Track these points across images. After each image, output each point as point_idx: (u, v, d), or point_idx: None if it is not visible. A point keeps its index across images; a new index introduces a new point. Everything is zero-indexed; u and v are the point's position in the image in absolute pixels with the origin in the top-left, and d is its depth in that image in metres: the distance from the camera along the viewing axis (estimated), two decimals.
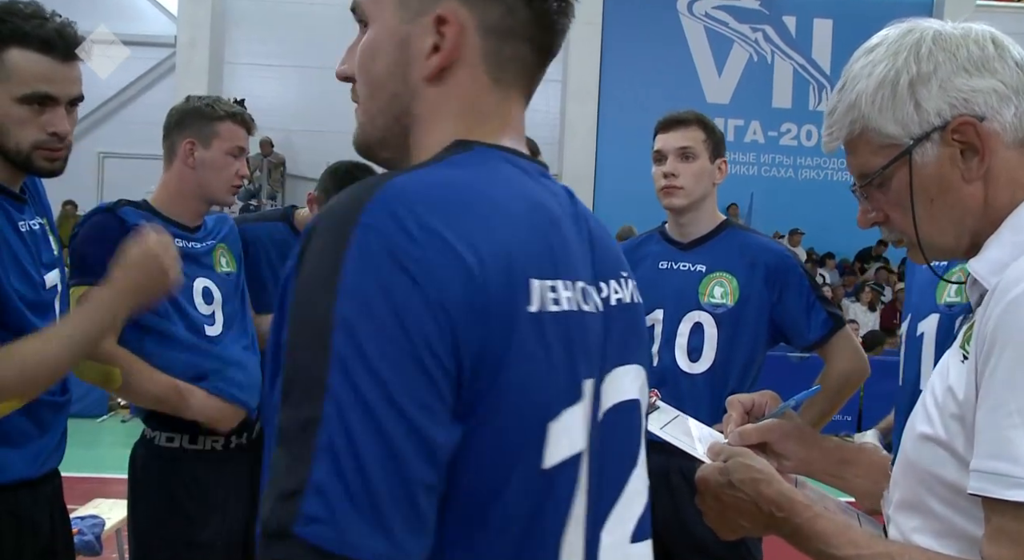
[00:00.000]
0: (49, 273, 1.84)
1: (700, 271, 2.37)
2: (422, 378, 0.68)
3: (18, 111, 1.70)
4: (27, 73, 1.69)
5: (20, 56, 1.69)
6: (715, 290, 2.35)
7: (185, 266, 2.25)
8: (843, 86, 1.08)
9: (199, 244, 2.33)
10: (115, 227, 2.13)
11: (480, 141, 0.84)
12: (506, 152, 0.86)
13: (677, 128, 2.38)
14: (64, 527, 1.99)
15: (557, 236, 0.82)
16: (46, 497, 1.88)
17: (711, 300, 2.34)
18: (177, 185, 2.30)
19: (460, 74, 0.85)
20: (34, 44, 1.69)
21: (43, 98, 1.72)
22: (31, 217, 1.84)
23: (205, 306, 2.28)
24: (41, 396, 1.79)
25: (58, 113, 1.74)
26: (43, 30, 1.70)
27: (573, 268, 0.83)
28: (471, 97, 0.85)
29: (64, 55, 1.73)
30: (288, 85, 13.54)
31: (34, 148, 1.73)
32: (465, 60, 0.84)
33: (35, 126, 1.72)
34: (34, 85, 1.70)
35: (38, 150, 1.73)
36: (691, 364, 2.33)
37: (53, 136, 1.73)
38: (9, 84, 1.69)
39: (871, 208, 1.10)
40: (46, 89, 1.71)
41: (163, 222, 2.24)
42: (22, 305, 1.74)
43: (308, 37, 13.12)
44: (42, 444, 1.84)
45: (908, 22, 1.08)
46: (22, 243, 1.78)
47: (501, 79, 0.86)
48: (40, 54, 1.70)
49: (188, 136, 2.27)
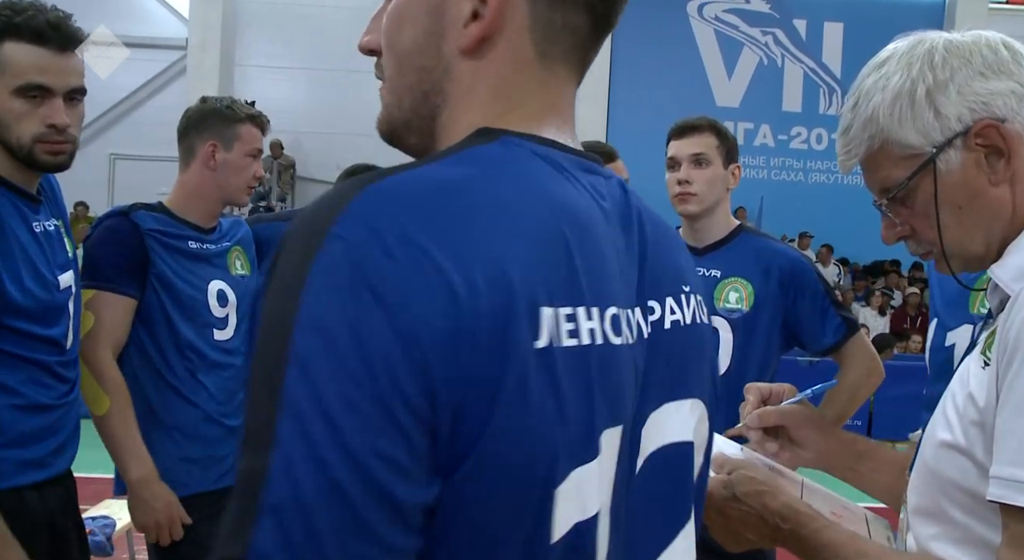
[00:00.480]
0: (63, 274, 1.85)
1: (715, 276, 2.36)
2: (388, 426, 0.56)
3: (16, 104, 1.72)
4: (21, 64, 1.71)
5: (14, 49, 1.71)
6: (730, 295, 2.35)
7: (200, 268, 2.26)
8: (856, 103, 1.07)
9: (213, 245, 2.33)
10: (128, 231, 2.15)
11: (510, 130, 0.70)
12: (541, 143, 0.71)
13: (690, 134, 2.38)
14: (78, 528, 1.99)
15: (586, 250, 0.66)
16: (58, 498, 1.89)
17: (726, 305, 2.34)
18: (195, 187, 2.30)
19: (500, 46, 0.70)
20: (26, 36, 1.71)
21: (39, 89, 1.72)
22: (46, 218, 1.85)
23: (219, 308, 2.28)
24: (47, 397, 1.81)
25: (55, 105, 1.74)
26: (35, 22, 1.71)
27: (604, 290, 0.67)
28: (510, 74, 0.71)
29: (60, 46, 1.74)
30: (298, 87, 13.59)
31: (35, 141, 1.74)
32: (508, 29, 0.70)
33: (34, 119, 1.73)
34: (28, 76, 1.72)
35: (39, 143, 1.74)
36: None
37: (51, 128, 1.74)
38: (5, 77, 1.71)
39: (896, 222, 1.09)
40: (40, 80, 1.72)
41: (178, 224, 2.25)
42: (30, 308, 1.75)
43: (318, 39, 13.18)
44: (51, 444, 1.85)
45: (915, 35, 1.07)
46: (37, 244, 1.79)
47: (548, 53, 0.72)
48: (33, 45, 1.71)
49: (210, 138, 2.27)
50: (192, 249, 2.27)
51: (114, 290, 2.13)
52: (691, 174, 2.35)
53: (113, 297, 2.13)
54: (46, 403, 1.82)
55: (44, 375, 1.82)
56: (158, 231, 2.20)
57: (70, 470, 1.95)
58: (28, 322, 1.76)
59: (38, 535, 1.82)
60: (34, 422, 1.80)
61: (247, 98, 10.44)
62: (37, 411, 1.81)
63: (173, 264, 2.21)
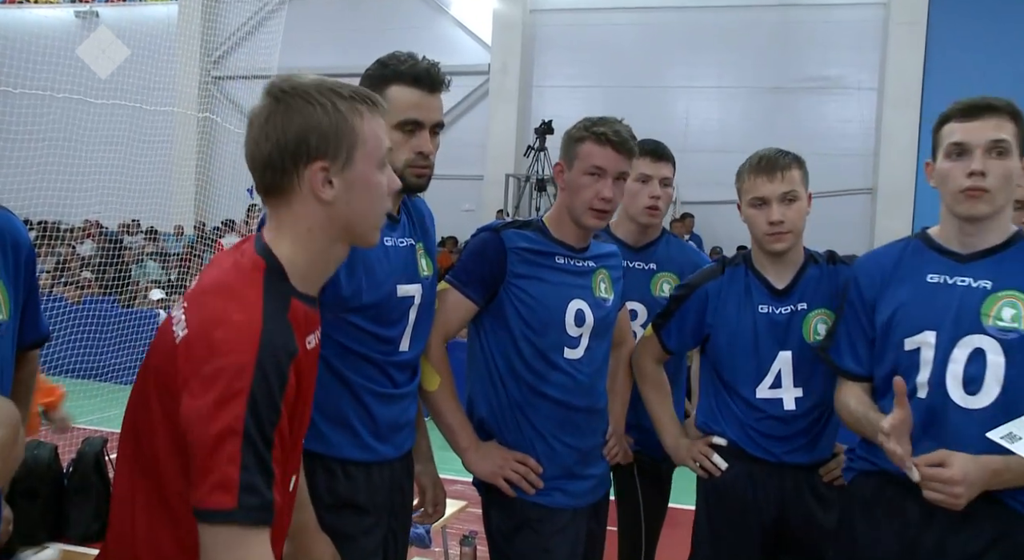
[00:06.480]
0: (407, 285, 2.13)
1: (983, 288, 2.02)
2: None
3: (395, 136, 2.03)
4: (402, 103, 2.04)
5: (398, 91, 2.05)
6: (1003, 311, 2.00)
7: (567, 283, 2.38)
8: None
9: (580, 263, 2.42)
10: (494, 247, 2.35)
11: None
12: None
13: (987, 116, 2.01)
14: (405, 510, 2.26)
15: None
16: (388, 477, 2.14)
17: (998, 323, 1.99)
18: (556, 208, 2.44)
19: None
20: (407, 80, 2.06)
21: (413, 124, 2.06)
22: (400, 236, 2.15)
23: (575, 328, 2.36)
24: (372, 386, 2.07)
25: (424, 136, 2.08)
26: (416, 69, 2.06)
27: None
28: None
29: (431, 88, 2.08)
30: (593, 104, 13.93)
31: (406, 166, 2.05)
32: None
33: (407, 148, 2.06)
34: (407, 113, 2.05)
35: (410, 168, 2.06)
36: (968, 398, 2.00)
37: (419, 155, 2.07)
38: (389, 114, 2.02)
39: None
40: (415, 116, 2.06)
41: (550, 242, 2.39)
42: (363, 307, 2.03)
43: (610, 56, 13.48)
44: (373, 430, 2.08)
45: None
46: (384, 256, 2.08)
47: None
48: (412, 88, 2.06)
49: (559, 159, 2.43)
50: (559, 264, 2.39)
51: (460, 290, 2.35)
52: (988, 165, 1.99)
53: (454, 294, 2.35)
54: (379, 392, 2.08)
55: (375, 369, 2.08)
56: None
57: (405, 454, 2.20)
58: (364, 320, 2.03)
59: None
60: (353, 408, 2.06)
61: (544, 117, 10.83)
62: (357, 398, 2.06)
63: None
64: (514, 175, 13.68)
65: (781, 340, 2.44)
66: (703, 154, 12.06)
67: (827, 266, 2.50)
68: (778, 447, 2.46)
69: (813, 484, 2.48)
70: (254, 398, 1.28)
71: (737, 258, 2.57)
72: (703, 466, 2.53)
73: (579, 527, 2.38)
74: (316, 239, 1.46)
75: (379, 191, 1.49)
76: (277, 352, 1.33)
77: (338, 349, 2.02)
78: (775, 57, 13.13)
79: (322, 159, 1.42)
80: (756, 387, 2.46)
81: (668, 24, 13.33)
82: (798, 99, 13.11)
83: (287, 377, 1.34)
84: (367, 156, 1.46)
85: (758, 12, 13.16)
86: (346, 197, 1.45)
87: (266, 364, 1.30)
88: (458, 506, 4.12)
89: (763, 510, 2.46)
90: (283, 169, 1.43)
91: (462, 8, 14.84)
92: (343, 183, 1.44)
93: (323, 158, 1.42)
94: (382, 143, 1.49)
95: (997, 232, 2.07)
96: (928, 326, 2.05)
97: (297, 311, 1.44)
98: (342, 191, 1.44)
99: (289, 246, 1.46)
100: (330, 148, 1.42)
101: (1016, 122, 2.02)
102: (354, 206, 1.46)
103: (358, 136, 1.44)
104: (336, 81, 1.48)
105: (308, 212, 1.45)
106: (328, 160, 1.43)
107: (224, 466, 1.26)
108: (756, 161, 2.42)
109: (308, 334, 1.48)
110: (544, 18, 14.29)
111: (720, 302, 2.51)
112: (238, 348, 1.30)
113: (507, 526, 2.37)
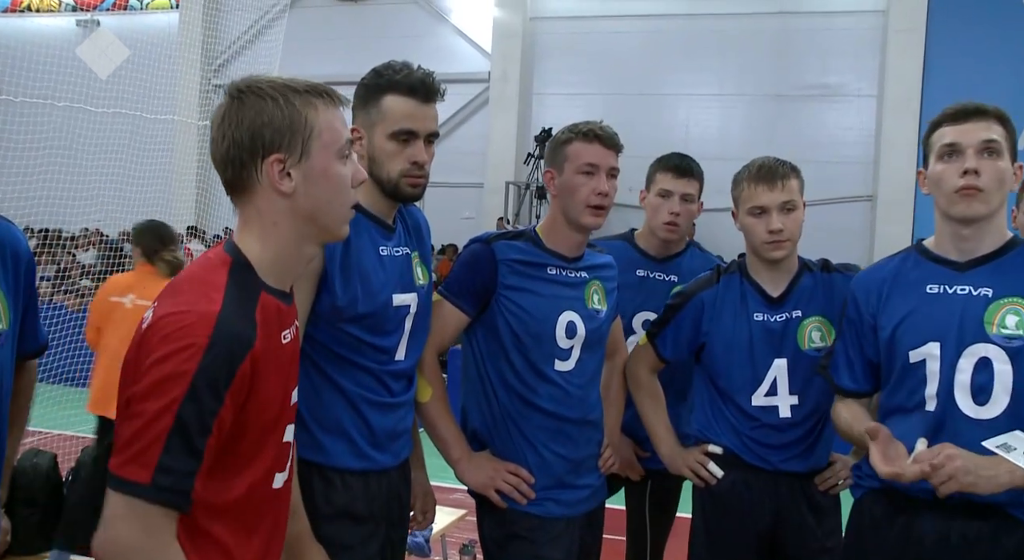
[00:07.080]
0: (402, 294, 2.12)
1: (984, 296, 2.00)
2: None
3: (389, 146, 2.06)
4: (397, 114, 2.06)
5: (393, 100, 2.06)
6: (1007, 319, 1.97)
7: (558, 295, 2.36)
8: None
9: (573, 274, 2.40)
10: (485, 259, 2.34)
11: None
12: None
13: (977, 119, 2.03)
14: (403, 519, 2.24)
15: None
16: (385, 486, 2.13)
17: (1002, 330, 1.96)
18: (551, 215, 2.43)
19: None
20: (403, 90, 2.06)
21: (408, 133, 2.06)
22: (395, 245, 2.15)
23: (566, 340, 2.35)
24: (368, 395, 2.05)
25: (418, 146, 2.08)
26: (411, 79, 2.07)
27: None
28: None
29: (425, 97, 2.08)
30: (593, 112, 13.91)
31: (401, 176, 2.07)
32: None
33: (402, 158, 2.07)
34: (402, 123, 2.06)
35: (404, 178, 2.07)
36: (977, 408, 1.98)
37: (414, 165, 2.07)
38: (384, 123, 2.07)
39: None
40: (410, 126, 2.06)
41: (543, 253, 2.38)
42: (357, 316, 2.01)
43: (610, 64, 13.49)
44: (370, 439, 2.07)
45: None
46: (379, 265, 2.08)
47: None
48: (407, 98, 2.06)
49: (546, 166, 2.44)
50: (551, 275, 2.37)
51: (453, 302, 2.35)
52: (982, 165, 1.99)
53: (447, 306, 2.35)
54: (376, 401, 2.06)
55: (371, 379, 2.06)
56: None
57: (398, 464, 2.19)
58: (360, 329, 2.02)
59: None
60: (349, 417, 2.05)
61: (544, 125, 10.86)
62: (350, 406, 2.04)
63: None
64: (514, 183, 13.71)
65: (776, 348, 2.45)
66: (703, 162, 11.72)
67: (821, 274, 2.51)
68: (774, 455, 2.46)
69: (809, 493, 2.48)
70: (196, 383, 1.30)
71: (732, 266, 2.58)
72: (699, 474, 2.53)
73: (572, 536, 2.37)
74: (282, 233, 1.48)
75: (340, 182, 1.51)
76: (230, 341, 1.35)
77: (334, 359, 2.02)
78: (775, 65, 13.15)
79: (277, 152, 1.45)
80: (752, 395, 2.46)
81: (668, 32, 13.37)
82: (798, 107, 13.12)
83: (237, 367, 1.35)
84: (324, 148, 1.48)
85: (758, 20, 13.18)
86: (305, 189, 1.47)
87: (217, 351, 1.32)
88: (457, 515, 4.11)
89: (759, 518, 2.46)
90: (242, 164, 1.45)
91: (462, 16, 14.86)
92: (301, 175, 1.46)
93: (278, 151, 1.45)
94: (340, 134, 1.50)
95: (992, 237, 2.05)
96: (932, 337, 2.02)
97: (268, 305, 1.46)
98: (301, 183, 1.46)
99: (256, 241, 1.48)
100: (284, 141, 1.45)
101: (1005, 126, 2.04)
102: (315, 197, 1.48)
103: (313, 128, 1.46)
104: (294, 78, 1.50)
105: (270, 206, 1.47)
106: (283, 152, 1.45)
107: (150, 442, 1.29)
108: (755, 170, 2.42)
109: (283, 329, 1.50)
110: (544, 26, 14.31)
111: (715, 310, 2.51)
112: (191, 333, 1.32)
113: (500, 535, 2.36)
